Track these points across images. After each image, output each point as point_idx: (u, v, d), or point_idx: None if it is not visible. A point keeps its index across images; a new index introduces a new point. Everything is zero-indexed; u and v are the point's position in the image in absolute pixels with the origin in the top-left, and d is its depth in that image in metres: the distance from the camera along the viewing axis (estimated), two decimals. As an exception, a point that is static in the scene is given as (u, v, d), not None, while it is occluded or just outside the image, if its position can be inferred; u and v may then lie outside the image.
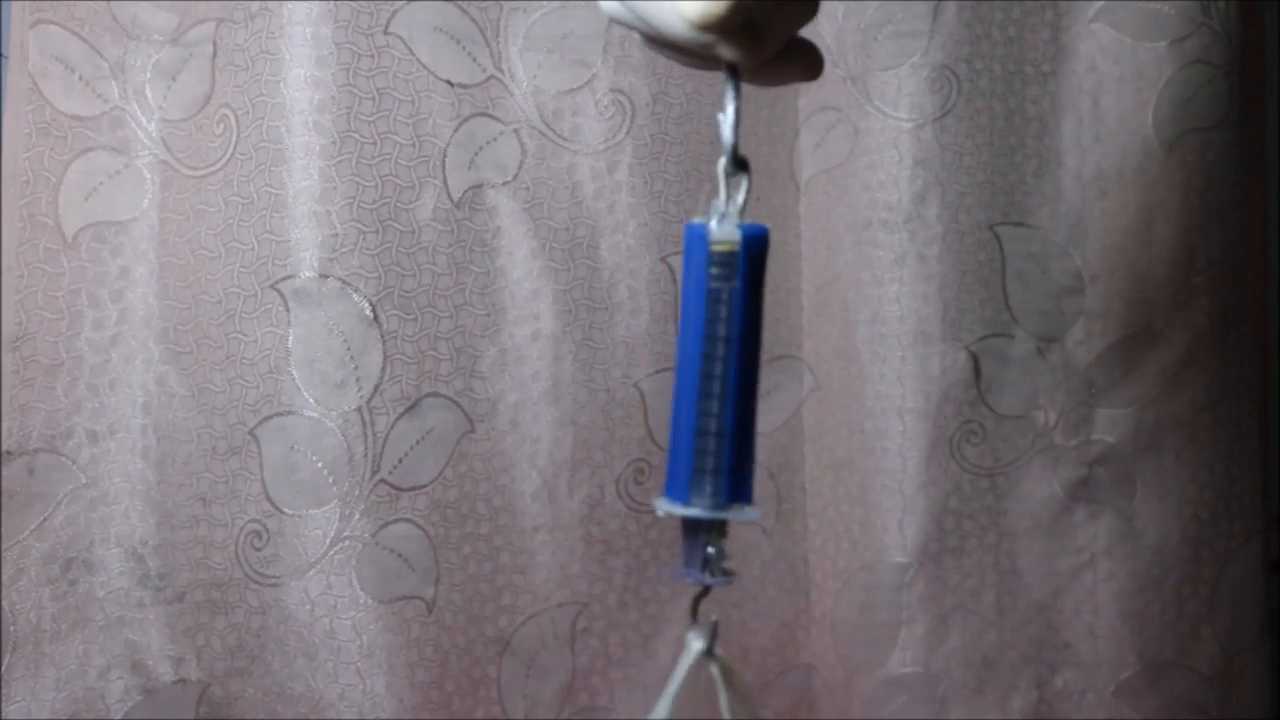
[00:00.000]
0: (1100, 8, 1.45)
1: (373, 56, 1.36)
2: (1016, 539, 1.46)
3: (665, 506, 0.82)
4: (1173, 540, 1.46)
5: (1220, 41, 1.44)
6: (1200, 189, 1.44)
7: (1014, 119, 1.45)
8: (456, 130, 1.38)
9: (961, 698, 1.46)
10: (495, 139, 1.39)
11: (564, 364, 1.40)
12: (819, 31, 1.43)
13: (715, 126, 1.40)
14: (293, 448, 1.36)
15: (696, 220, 0.83)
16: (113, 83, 1.37)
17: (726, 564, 0.85)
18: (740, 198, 0.84)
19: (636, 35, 0.96)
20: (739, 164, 0.86)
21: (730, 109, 0.85)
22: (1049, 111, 1.46)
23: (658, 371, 1.43)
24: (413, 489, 1.37)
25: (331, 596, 1.36)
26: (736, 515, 0.83)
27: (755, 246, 0.83)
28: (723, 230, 0.83)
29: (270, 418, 1.36)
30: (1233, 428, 1.47)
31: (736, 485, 0.83)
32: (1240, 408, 1.48)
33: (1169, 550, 1.46)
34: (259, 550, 1.36)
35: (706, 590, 0.88)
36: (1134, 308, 1.45)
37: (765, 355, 1.42)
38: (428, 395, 1.37)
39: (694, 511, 0.81)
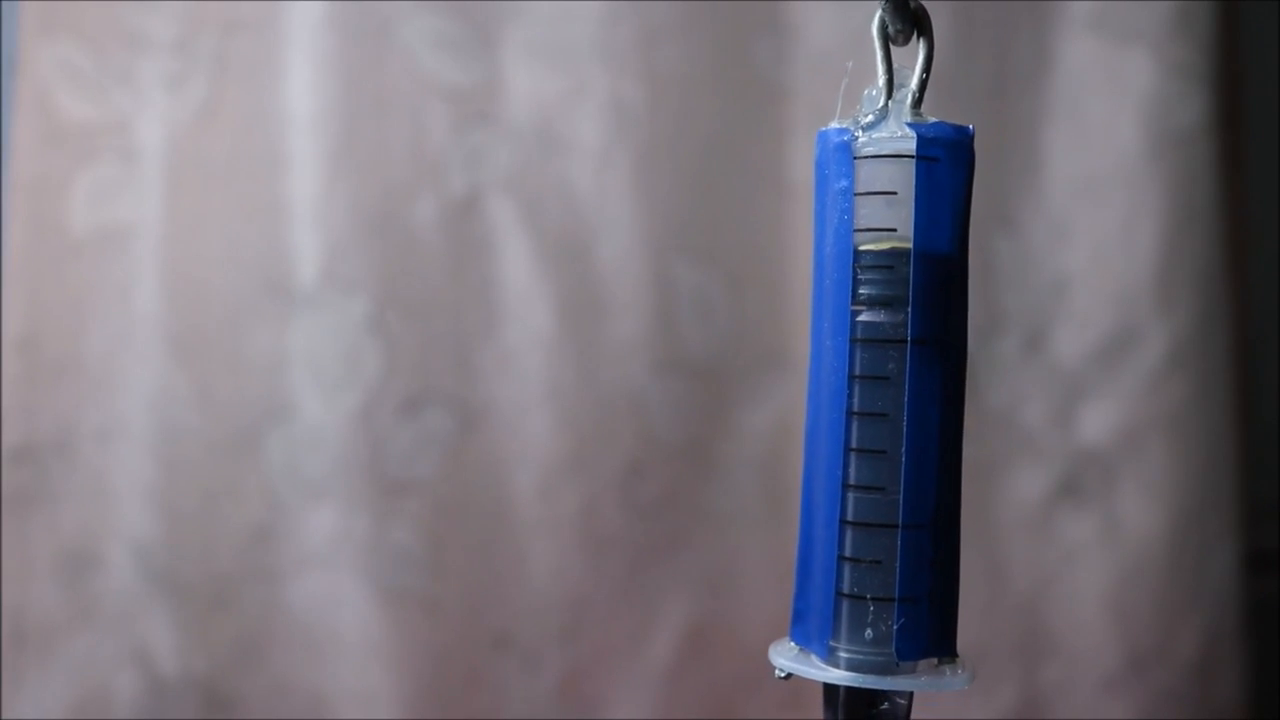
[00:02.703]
0: (1083, 15, 1.46)
1: (373, 64, 1.39)
2: (1003, 535, 1.47)
3: (788, 660, 0.59)
4: (1155, 535, 1.46)
5: (1201, 47, 1.46)
6: (1181, 192, 1.45)
7: (1000, 124, 1.46)
8: (456, 135, 1.40)
9: (950, 691, 1.46)
10: (494, 143, 1.41)
11: (562, 364, 1.41)
12: (815, 35, 1.44)
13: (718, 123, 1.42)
14: (295, 447, 1.39)
15: (835, 123, 0.58)
16: (120, 90, 1.40)
17: None
18: (914, 81, 0.57)
19: (633, 40, 0.99)
20: (910, 17, 0.59)
21: None
22: (1033, 116, 1.47)
23: (654, 371, 1.43)
24: (413, 487, 1.39)
25: (333, 593, 1.39)
26: (926, 683, 0.56)
27: (951, 157, 0.55)
28: (882, 132, 0.55)
29: (273, 418, 1.39)
30: (1214, 425, 1.48)
31: (926, 622, 0.54)
32: (1221, 406, 1.48)
33: (1151, 545, 1.46)
34: (263, 548, 1.39)
35: None
36: (1117, 308, 1.47)
37: (759, 352, 1.44)
38: (428, 395, 1.39)
39: (840, 676, 0.55)
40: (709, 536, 1.46)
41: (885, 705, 0.56)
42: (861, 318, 0.53)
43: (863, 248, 0.54)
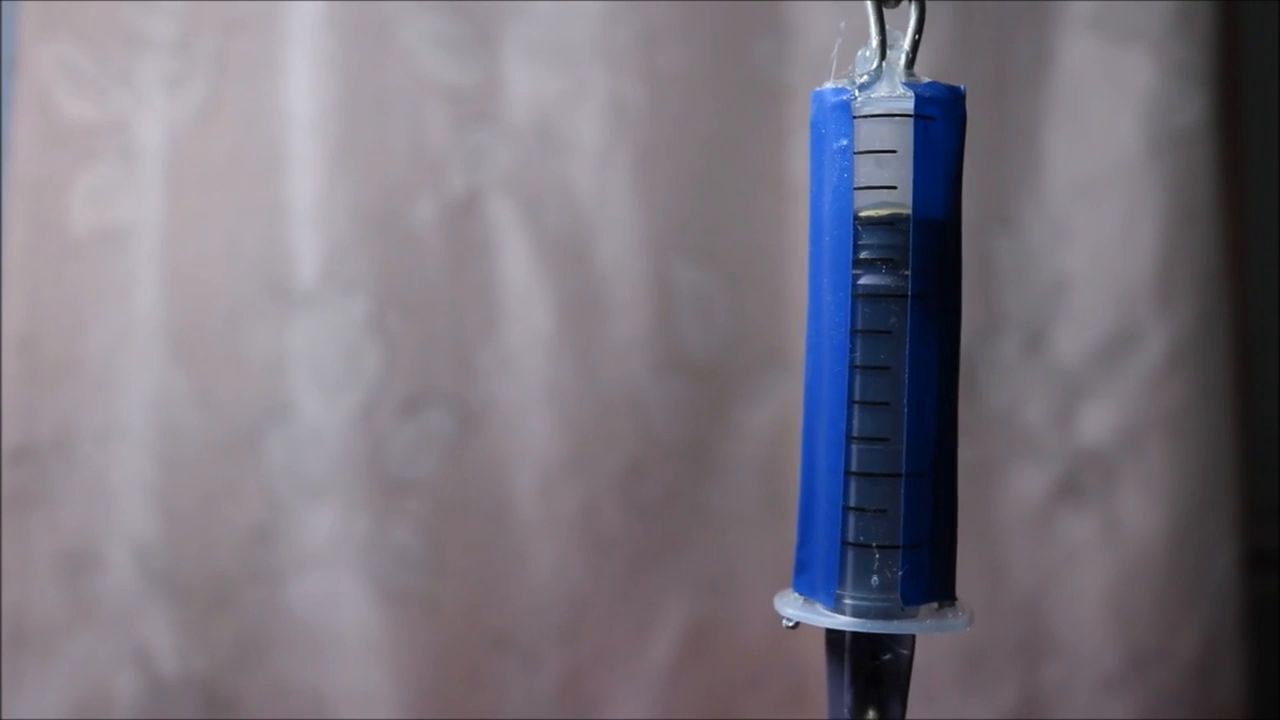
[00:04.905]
0: (1083, 15, 1.47)
1: (373, 64, 1.40)
2: (1003, 535, 1.48)
3: (794, 609, 0.59)
4: (1155, 535, 1.47)
5: (1201, 47, 1.46)
6: (1181, 192, 1.46)
7: (1000, 124, 1.47)
8: (456, 135, 1.41)
9: (950, 691, 1.47)
10: (494, 143, 1.42)
11: (562, 364, 1.42)
12: (815, 35, 1.45)
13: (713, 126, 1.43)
14: (295, 447, 1.40)
15: (830, 84, 0.59)
16: (120, 91, 1.41)
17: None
18: (908, 39, 0.59)
19: (633, 40, 0.99)
20: None
21: None
22: (1033, 116, 1.48)
23: (654, 371, 1.44)
24: (412, 487, 1.40)
25: (334, 593, 1.40)
26: (931, 626, 0.58)
27: (946, 116, 0.56)
28: (880, 92, 0.57)
29: (273, 418, 1.40)
30: (1214, 425, 1.48)
31: (928, 568, 0.56)
32: (1221, 405, 1.49)
33: (1151, 545, 1.47)
34: (263, 548, 1.40)
35: None
36: (1117, 308, 1.47)
37: (759, 352, 1.45)
38: (428, 395, 1.40)
39: (848, 621, 0.56)
40: (709, 536, 1.46)
41: (889, 656, 0.58)
42: (864, 277, 0.55)
43: (863, 213, 0.55)
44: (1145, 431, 1.48)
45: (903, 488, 0.54)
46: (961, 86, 0.56)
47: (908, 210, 0.54)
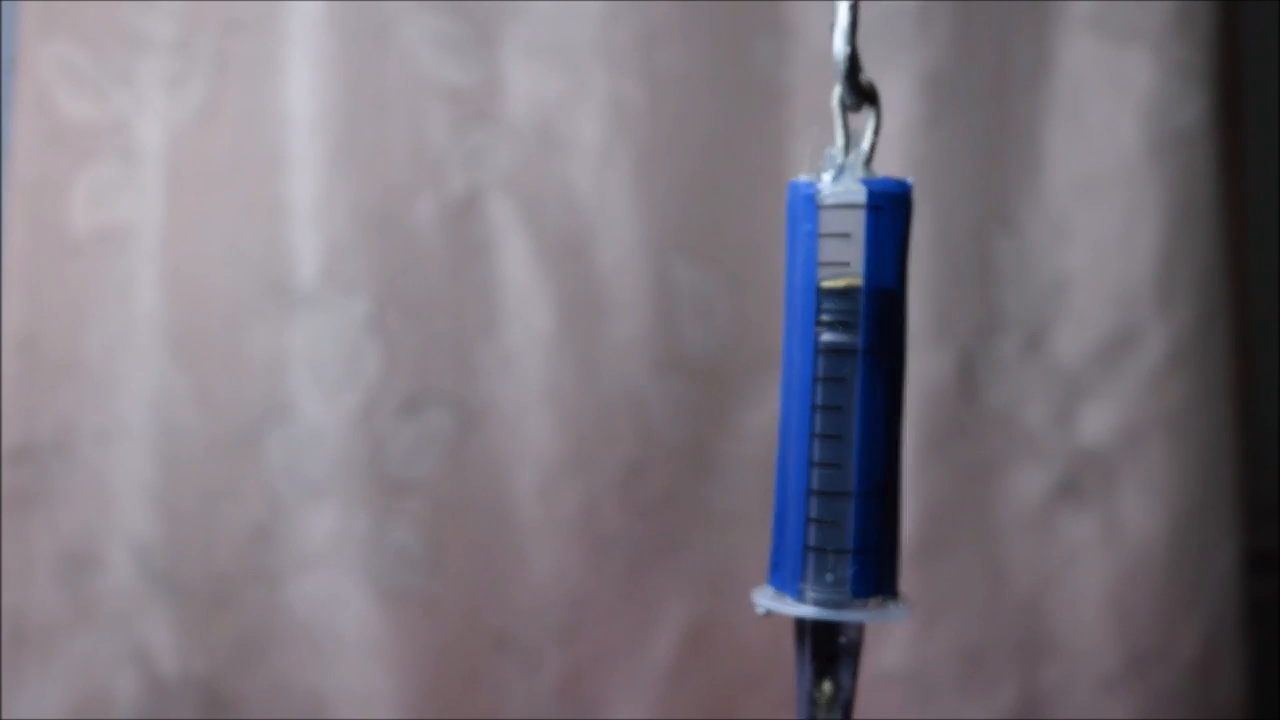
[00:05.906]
0: (1083, 15, 1.57)
1: (373, 64, 1.50)
2: (1003, 535, 1.57)
3: (767, 600, 0.76)
4: (1155, 535, 1.56)
5: (1201, 47, 1.56)
6: (1181, 192, 1.55)
7: (1000, 124, 1.57)
8: (456, 135, 1.51)
9: (949, 692, 1.56)
10: (494, 143, 1.51)
11: (562, 364, 1.51)
12: (815, 35, 1.55)
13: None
14: (295, 447, 1.50)
15: (803, 177, 0.74)
16: (120, 90, 1.51)
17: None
18: (866, 142, 0.73)
19: (633, 40, 1.09)
20: (862, 93, 0.75)
21: (844, 13, 0.76)
22: (1033, 116, 1.57)
23: (654, 371, 1.53)
24: (413, 487, 1.50)
25: (334, 593, 1.49)
26: (874, 616, 0.72)
27: (893, 206, 0.71)
28: (840, 185, 0.71)
29: (273, 418, 1.50)
30: (1214, 425, 1.58)
31: (874, 569, 0.72)
32: (1222, 405, 1.59)
33: (1151, 545, 1.56)
34: (263, 548, 1.50)
35: None
36: (1117, 308, 1.57)
37: (759, 352, 1.54)
38: (428, 395, 1.50)
39: (808, 610, 0.73)
40: (709, 536, 1.55)
41: (844, 640, 0.75)
42: (824, 334, 0.72)
43: (824, 284, 0.71)
44: (1145, 431, 1.58)
45: (852, 504, 0.72)
46: (909, 180, 0.72)
47: (860, 282, 0.71)
